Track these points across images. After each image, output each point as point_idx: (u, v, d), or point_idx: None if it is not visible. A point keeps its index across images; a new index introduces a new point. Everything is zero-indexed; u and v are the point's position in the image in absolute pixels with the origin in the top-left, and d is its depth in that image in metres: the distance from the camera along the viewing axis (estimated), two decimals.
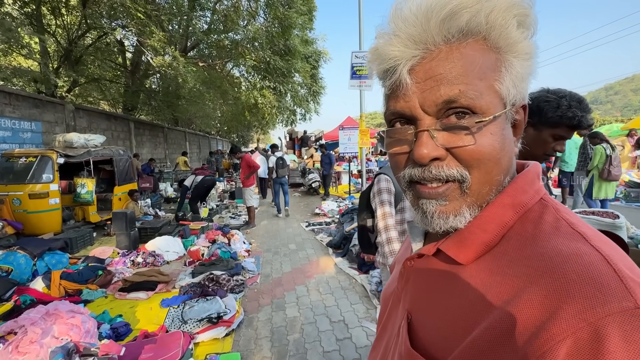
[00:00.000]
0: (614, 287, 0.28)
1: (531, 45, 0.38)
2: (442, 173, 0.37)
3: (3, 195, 4.88)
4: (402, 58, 0.37)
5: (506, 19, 0.36)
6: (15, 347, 2.10)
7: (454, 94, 0.35)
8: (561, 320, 0.28)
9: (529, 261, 0.33)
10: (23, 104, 6.09)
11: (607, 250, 0.31)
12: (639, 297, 0.27)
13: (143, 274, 3.53)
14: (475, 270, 0.38)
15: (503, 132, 0.38)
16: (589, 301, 0.27)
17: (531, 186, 0.40)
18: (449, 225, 0.39)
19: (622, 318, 0.26)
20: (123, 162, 6.56)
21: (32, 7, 8.88)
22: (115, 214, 4.74)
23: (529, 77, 0.40)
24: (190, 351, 2.33)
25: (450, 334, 0.37)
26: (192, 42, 12.35)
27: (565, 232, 0.34)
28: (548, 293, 0.30)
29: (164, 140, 13.66)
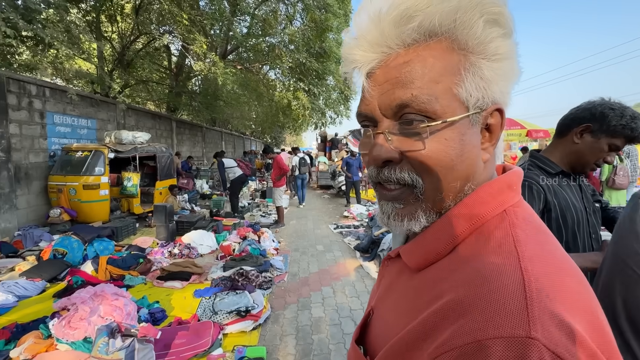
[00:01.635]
0: (515, 314, 0.27)
1: (505, 45, 0.36)
2: (393, 176, 0.38)
3: (61, 185, 5.40)
4: (361, 62, 0.38)
5: (472, 18, 0.34)
6: (67, 322, 2.32)
7: (406, 98, 0.35)
8: (457, 333, 0.28)
9: (460, 275, 0.33)
10: (81, 103, 6.71)
11: (533, 272, 0.30)
12: (535, 329, 0.26)
13: (179, 265, 3.73)
14: (420, 278, 0.38)
15: (462, 137, 0.36)
16: (485, 322, 0.27)
17: (495, 197, 0.38)
18: (404, 227, 0.39)
19: (509, 344, 0.25)
20: (165, 159, 6.99)
21: (93, 16, 9.77)
22: (156, 207, 5.07)
23: (505, 80, 0.37)
24: (219, 341, 2.44)
25: (387, 332, 0.38)
26: (231, 46, 12.89)
27: (505, 251, 0.33)
28: (456, 303, 0.30)
29: (202, 139, 14.34)
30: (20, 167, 5.30)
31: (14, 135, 5.18)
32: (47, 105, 5.84)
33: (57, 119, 6.05)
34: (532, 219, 0.37)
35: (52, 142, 5.92)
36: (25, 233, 4.74)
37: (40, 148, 5.68)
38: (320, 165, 12.61)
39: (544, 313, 0.27)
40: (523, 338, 0.25)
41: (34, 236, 4.69)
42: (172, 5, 8.65)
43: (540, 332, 0.26)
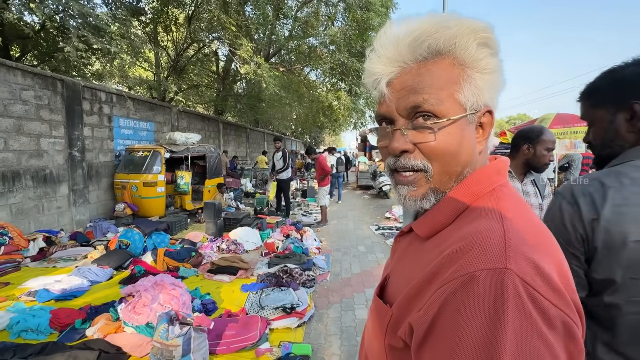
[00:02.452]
0: (496, 253, 0.36)
1: (493, 61, 0.47)
2: (409, 163, 0.48)
3: (125, 182, 5.95)
4: (382, 74, 0.48)
5: (467, 42, 0.45)
6: (133, 307, 2.54)
7: (419, 101, 0.45)
8: (455, 269, 0.37)
9: (458, 234, 0.43)
10: (142, 108, 7.34)
11: (511, 228, 0.39)
12: (510, 263, 0.35)
13: (227, 260, 3.92)
14: (430, 243, 0.48)
15: (462, 132, 0.47)
16: (475, 258, 0.37)
17: (486, 178, 0.48)
18: (417, 205, 0.49)
19: (491, 273, 0.35)
20: (213, 159, 7.40)
21: (151, 27, 10.65)
22: (206, 204, 5.37)
23: (493, 88, 0.48)
24: (266, 335, 2.51)
25: (403, 286, 0.47)
26: (274, 49, 13.26)
27: (492, 216, 0.42)
28: (455, 252, 0.39)
29: (246, 140, 14.95)
30: (92, 165, 5.94)
31: (87, 137, 5.81)
32: (114, 110, 6.47)
33: (122, 122, 6.68)
34: (514, 195, 0.48)
35: (117, 144, 6.55)
36: (95, 225, 5.30)
37: (108, 149, 6.32)
38: (360, 165, 12.46)
39: (518, 253, 0.36)
40: (501, 269, 0.35)
41: (102, 228, 5.23)
42: (220, 12, 9.12)
43: (514, 265, 0.35)
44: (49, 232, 4.69)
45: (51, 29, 7.17)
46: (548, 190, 1.86)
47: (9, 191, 4.44)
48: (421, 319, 0.39)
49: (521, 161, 1.77)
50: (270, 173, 6.90)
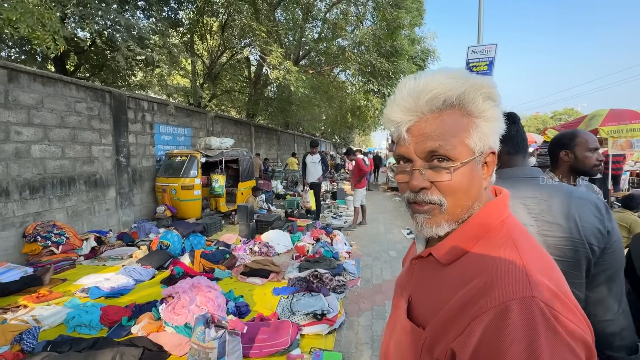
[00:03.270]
0: (522, 283, 0.44)
1: (496, 111, 0.55)
2: (427, 198, 0.55)
3: (165, 185, 6.31)
4: (402, 121, 0.56)
5: (475, 96, 0.53)
6: (172, 308, 2.69)
7: (435, 147, 0.53)
8: (487, 299, 0.44)
9: (482, 265, 0.50)
10: (180, 114, 7.75)
11: (527, 259, 0.47)
12: (535, 291, 0.43)
13: (259, 262, 4.02)
14: (451, 269, 0.55)
15: (472, 172, 0.54)
16: (505, 291, 0.44)
17: (496, 211, 0.56)
18: (432, 232, 0.56)
19: (522, 301, 0.42)
20: (246, 162, 7.62)
21: (188, 37, 11.21)
22: (239, 207, 5.55)
23: (496, 133, 0.56)
24: (297, 341, 2.54)
25: (431, 310, 0.54)
26: (303, 52, 13.40)
27: (508, 246, 0.50)
28: (484, 283, 0.47)
29: (276, 142, 15.24)
30: (136, 170, 6.36)
31: (132, 144, 6.24)
32: (155, 117, 6.89)
33: (162, 129, 7.10)
34: (518, 224, 0.57)
35: (158, 149, 6.96)
36: (139, 226, 5.68)
37: (149, 154, 6.74)
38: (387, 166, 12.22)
39: (538, 282, 0.44)
40: (529, 297, 0.42)
41: (145, 228, 5.58)
42: (251, 19, 9.39)
43: (537, 293, 0.43)
44: (99, 232, 5.10)
45: (100, 44, 7.81)
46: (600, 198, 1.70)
47: (65, 195, 4.88)
48: (464, 345, 0.44)
49: (565, 170, 1.64)
50: (304, 180, 6.92)
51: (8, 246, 4.11)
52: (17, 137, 4.22)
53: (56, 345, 2.39)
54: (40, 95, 4.51)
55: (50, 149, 4.65)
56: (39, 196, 4.50)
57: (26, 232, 4.21)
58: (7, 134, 4.11)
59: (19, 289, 3.31)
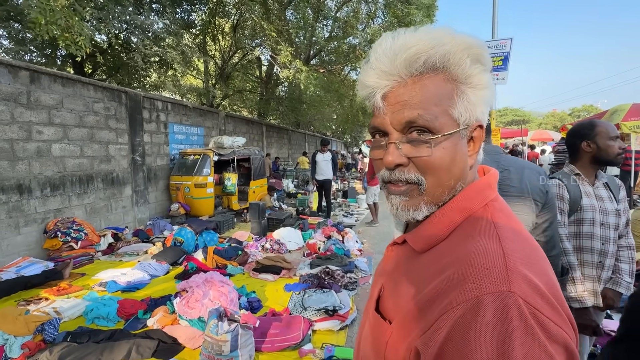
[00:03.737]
0: (499, 277, 0.37)
1: (485, 77, 0.48)
2: (403, 176, 0.48)
3: (179, 183, 6.43)
4: (377, 87, 0.48)
5: (460, 58, 0.46)
6: (186, 301, 2.73)
7: (413, 117, 0.45)
8: (458, 292, 0.38)
9: (457, 253, 0.43)
10: (193, 114, 7.88)
11: (510, 249, 0.41)
12: (513, 285, 0.37)
13: (271, 259, 4.04)
14: (425, 258, 0.49)
15: (455, 147, 0.47)
16: (479, 284, 0.37)
17: (478, 194, 0.49)
18: (410, 216, 0.49)
19: (497, 296, 0.36)
20: (258, 160, 7.68)
21: (200, 38, 11.38)
22: (251, 205, 5.60)
23: (484, 103, 0.49)
24: (309, 336, 2.54)
25: (401, 302, 0.48)
26: (314, 51, 13.41)
27: (488, 234, 0.44)
28: (458, 274, 0.40)
29: (287, 141, 15.31)
30: (151, 169, 6.50)
31: (147, 143, 6.38)
32: (169, 117, 7.02)
33: (175, 128, 7.23)
34: (505, 209, 0.50)
35: (172, 148, 7.10)
36: (154, 223, 5.80)
37: (164, 153, 6.87)
38: None
39: (519, 275, 0.38)
40: (506, 292, 0.36)
41: (160, 226, 5.70)
42: (262, 20, 9.46)
43: (516, 287, 0.37)
44: (116, 229, 5.23)
45: (116, 46, 8.01)
46: (623, 193, 1.64)
47: (84, 192, 5.03)
48: (428, 343, 0.39)
49: (587, 161, 1.59)
50: (313, 179, 6.92)
51: (30, 241, 4.27)
52: (39, 136, 4.38)
53: (76, 336, 2.46)
54: (60, 95, 4.66)
55: (69, 147, 4.80)
56: (59, 193, 4.65)
57: (47, 228, 4.36)
58: (29, 133, 4.26)
59: (40, 283, 3.43)
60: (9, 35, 7.90)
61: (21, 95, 4.15)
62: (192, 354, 2.37)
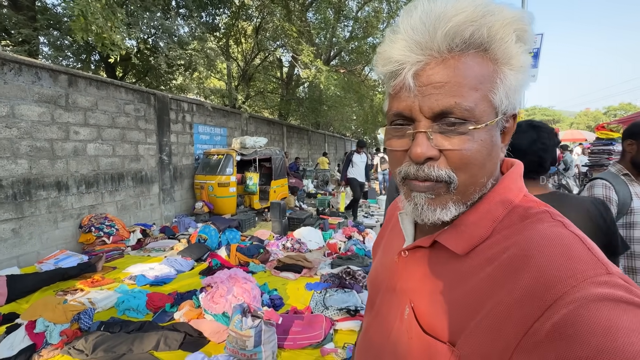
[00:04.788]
0: (590, 261, 0.34)
1: (526, 58, 0.41)
2: (433, 173, 0.41)
3: (203, 182, 6.61)
4: (407, 62, 0.40)
5: (506, 33, 0.39)
6: (211, 297, 2.80)
7: (450, 105, 0.39)
8: (553, 288, 0.32)
9: (519, 246, 0.38)
10: (216, 115, 8.09)
11: (581, 235, 0.37)
12: (609, 266, 0.34)
13: (292, 258, 4.07)
14: (473, 260, 0.42)
15: (492, 139, 0.41)
16: (572, 271, 0.33)
17: (515, 184, 0.45)
18: (436, 217, 0.43)
19: (600, 283, 0.32)
20: (279, 161, 7.78)
21: (224, 41, 11.67)
22: (273, 204, 5.67)
23: (521, 89, 0.42)
24: (331, 335, 2.54)
25: (458, 317, 0.40)
26: (335, 51, 13.42)
27: (549, 221, 0.39)
28: (539, 268, 0.35)
29: (307, 142, 15.40)
30: (177, 168, 6.73)
31: (173, 143, 6.61)
32: (194, 118, 7.24)
33: (200, 129, 7.44)
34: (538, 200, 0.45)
35: (197, 148, 7.31)
36: (179, 220, 6.00)
37: (189, 153, 7.09)
38: None
39: (603, 258, 0.35)
40: (605, 274, 0.33)
41: (185, 223, 5.88)
42: (284, 21, 9.57)
43: (612, 269, 0.34)
44: (144, 225, 5.45)
45: (145, 50, 8.36)
46: None
47: (115, 190, 5.28)
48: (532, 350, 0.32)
49: (627, 161, 1.51)
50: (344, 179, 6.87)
51: (67, 235, 4.53)
52: (76, 136, 4.64)
53: (108, 325, 2.59)
54: (95, 98, 4.91)
55: (103, 147, 5.05)
56: (93, 190, 4.90)
57: (82, 223, 4.61)
58: (67, 133, 4.52)
59: (76, 274, 3.63)
60: (49, 42, 8.44)
61: (60, 97, 4.41)
62: (216, 347, 2.43)
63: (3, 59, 3.76)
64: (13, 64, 3.85)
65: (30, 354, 2.24)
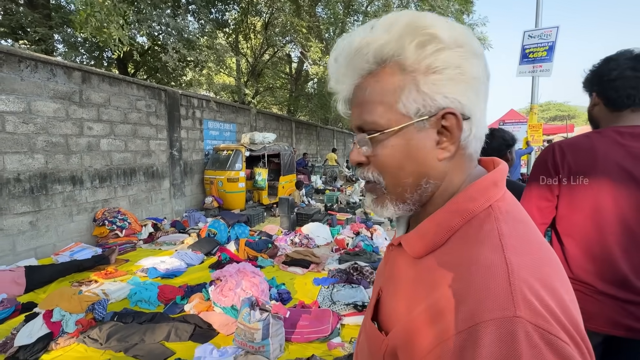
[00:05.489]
0: (502, 298, 0.33)
1: (442, 57, 0.41)
2: (364, 175, 0.49)
3: (213, 178, 6.69)
4: (338, 92, 0.50)
5: (403, 44, 0.42)
6: (220, 290, 2.85)
7: (360, 122, 0.47)
8: (458, 319, 0.35)
9: (457, 265, 0.40)
10: (226, 111, 8.15)
11: (515, 263, 0.36)
12: (519, 309, 0.32)
13: (300, 253, 4.10)
14: (423, 264, 0.45)
15: (409, 142, 0.44)
16: (480, 308, 0.34)
17: (482, 194, 0.44)
18: (380, 213, 0.49)
19: (501, 323, 0.32)
20: (287, 156, 7.80)
21: (233, 37, 11.70)
22: (281, 200, 5.70)
23: (452, 86, 0.42)
24: (337, 330, 2.56)
25: (397, 312, 0.46)
26: None
27: (491, 243, 0.39)
28: (456, 293, 0.37)
29: (316, 138, 15.38)
30: (187, 163, 6.82)
31: (183, 138, 6.69)
32: (204, 114, 7.31)
33: (210, 125, 7.51)
34: (514, 211, 0.44)
35: (206, 144, 7.39)
36: (189, 215, 6.09)
37: (199, 148, 7.18)
38: None
39: (526, 294, 0.33)
40: (511, 317, 0.32)
41: (195, 218, 5.98)
42: (293, 16, 9.53)
43: (523, 311, 0.32)
44: (156, 219, 5.55)
45: (155, 47, 8.46)
46: None
47: (127, 185, 5.39)
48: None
49: None
50: None
51: (82, 228, 4.65)
52: (89, 132, 4.74)
53: (121, 316, 2.66)
54: (108, 94, 5.00)
55: (115, 142, 5.16)
56: (106, 185, 5.02)
57: (96, 217, 4.73)
58: (81, 129, 4.63)
59: (91, 266, 3.73)
60: (63, 40, 8.61)
61: (74, 94, 4.51)
62: (225, 339, 2.47)
63: (20, 56, 3.86)
64: (29, 61, 3.95)
65: (48, 342, 2.32)
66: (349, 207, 7.01)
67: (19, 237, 3.91)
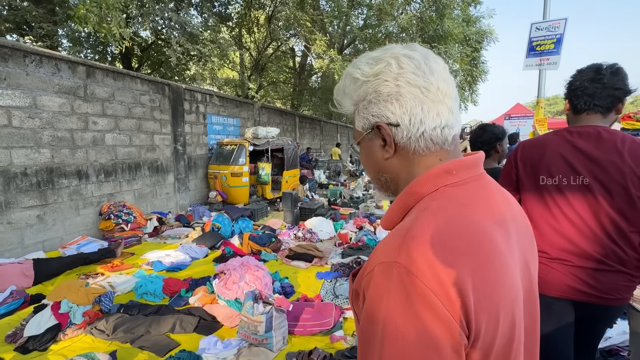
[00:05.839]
0: (393, 250, 0.46)
1: (362, 90, 0.56)
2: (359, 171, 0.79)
3: (216, 172, 6.71)
4: None
5: (345, 86, 0.59)
6: (224, 283, 2.88)
7: None
8: (371, 262, 0.49)
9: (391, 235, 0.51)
10: (229, 105, 8.15)
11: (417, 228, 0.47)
12: (399, 257, 0.45)
13: (303, 247, 4.12)
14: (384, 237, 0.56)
15: (368, 149, 0.60)
16: (381, 255, 0.47)
17: (429, 180, 0.53)
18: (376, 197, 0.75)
19: (386, 265, 0.45)
20: (291, 151, 7.80)
21: (236, 31, 11.64)
22: (284, 194, 5.72)
23: (373, 108, 0.55)
24: (340, 323, 2.58)
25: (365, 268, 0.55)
26: (348, 40, 13.18)
27: (415, 214, 0.51)
28: (378, 247, 0.50)
29: (320, 132, 15.32)
30: (191, 158, 6.85)
31: (187, 133, 6.71)
32: (208, 108, 7.31)
33: (213, 119, 7.52)
34: (458, 194, 0.52)
35: (210, 138, 7.41)
36: (194, 209, 6.14)
37: (203, 143, 7.20)
38: None
39: (408, 250, 0.45)
40: (392, 262, 0.45)
41: (199, 212, 6.02)
42: (297, 9, 9.44)
43: (401, 259, 0.44)
44: (161, 213, 5.61)
45: (159, 41, 8.45)
46: None
47: (132, 179, 5.44)
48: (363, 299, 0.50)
49: None
50: None
51: (88, 222, 4.71)
52: (94, 126, 4.77)
53: (127, 308, 2.71)
54: (112, 89, 5.02)
55: (120, 137, 5.19)
56: (112, 179, 5.07)
57: (102, 211, 4.79)
58: (86, 124, 4.66)
59: (97, 259, 3.79)
60: (67, 35, 8.63)
61: (79, 88, 4.54)
62: (229, 331, 2.50)
63: (24, 51, 3.88)
64: (34, 56, 3.97)
65: (56, 333, 2.37)
66: (352, 202, 7.01)
67: (27, 231, 3.97)
